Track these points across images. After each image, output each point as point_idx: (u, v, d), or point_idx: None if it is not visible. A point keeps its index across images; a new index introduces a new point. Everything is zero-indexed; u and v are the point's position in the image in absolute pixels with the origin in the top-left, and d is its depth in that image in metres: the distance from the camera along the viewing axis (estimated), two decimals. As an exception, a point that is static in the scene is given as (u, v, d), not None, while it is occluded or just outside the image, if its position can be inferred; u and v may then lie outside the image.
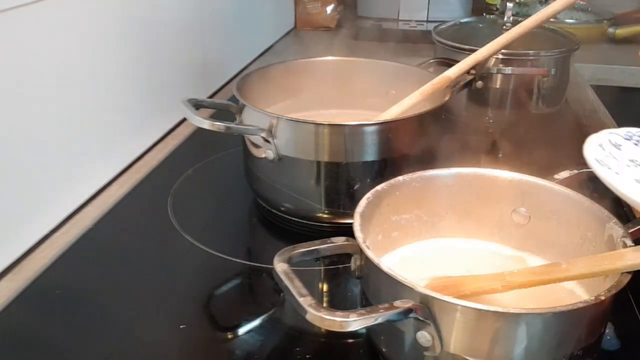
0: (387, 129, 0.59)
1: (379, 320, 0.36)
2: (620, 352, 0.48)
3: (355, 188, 0.59)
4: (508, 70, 0.88)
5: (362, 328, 0.37)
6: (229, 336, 0.49)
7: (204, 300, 0.54)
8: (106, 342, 0.48)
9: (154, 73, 0.82)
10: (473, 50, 0.67)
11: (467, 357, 0.38)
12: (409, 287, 0.37)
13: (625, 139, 0.47)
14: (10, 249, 0.58)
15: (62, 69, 0.63)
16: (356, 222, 0.44)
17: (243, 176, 0.68)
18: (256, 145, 0.61)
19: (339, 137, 0.58)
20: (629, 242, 0.41)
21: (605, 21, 1.36)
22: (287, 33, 1.44)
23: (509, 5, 0.97)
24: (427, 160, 0.60)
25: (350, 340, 0.48)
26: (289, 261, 0.41)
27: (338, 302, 0.55)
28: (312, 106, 0.75)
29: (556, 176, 0.51)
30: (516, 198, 0.50)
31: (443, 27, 1.02)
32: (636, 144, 0.47)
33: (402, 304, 0.37)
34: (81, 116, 0.67)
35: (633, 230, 0.43)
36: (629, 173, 0.42)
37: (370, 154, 0.58)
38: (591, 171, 0.42)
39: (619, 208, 0.65)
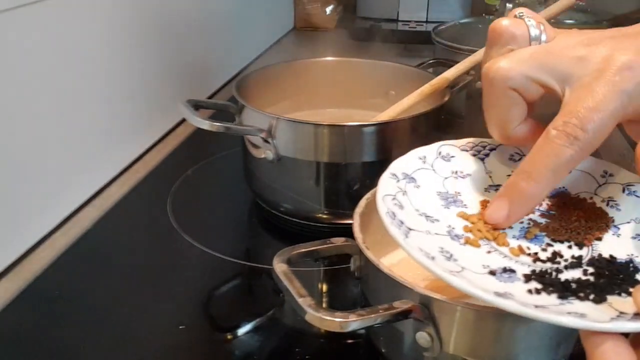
0: (387, 130, 0.59)
1: (379, 321, 0.36)
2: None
3: (354, 188, 0.59)
4: (507, 70, 0.88)
5: (362, 329, 0.37)
6: (228, 337, 0.49)
7: (203, 301, 0.54)
8: (105, 342, 0.48)
9: (153, 73, 0.82)
10: (473, 51, 0.67)
11: (467, 358, 0.38)
12: (408, 287, 0.37)
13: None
14: (10, 249, 0.58)
15: (60, 69, 0.63)
16: (356, 222, 0.44)
17: (243, 176, 0.68)
18: (256, 146, 0.61)
19: (338, 137, 0.58)
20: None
21: (604, 22, 1.36)
22: (287, 33, 1.44)
23: (509, 6, 0.97)
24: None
25: (350, 341, 0.48)
26: (289, 262, 0.41)
27: (337, 303, 0.55)
28: (311, 106, 0.75)
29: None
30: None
31: (443, 27, 1.02)
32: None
33: (401, 305, 0.37)
34: (80, 116, 0.67)
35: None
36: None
37: (369, 155, 0.58)
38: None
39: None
